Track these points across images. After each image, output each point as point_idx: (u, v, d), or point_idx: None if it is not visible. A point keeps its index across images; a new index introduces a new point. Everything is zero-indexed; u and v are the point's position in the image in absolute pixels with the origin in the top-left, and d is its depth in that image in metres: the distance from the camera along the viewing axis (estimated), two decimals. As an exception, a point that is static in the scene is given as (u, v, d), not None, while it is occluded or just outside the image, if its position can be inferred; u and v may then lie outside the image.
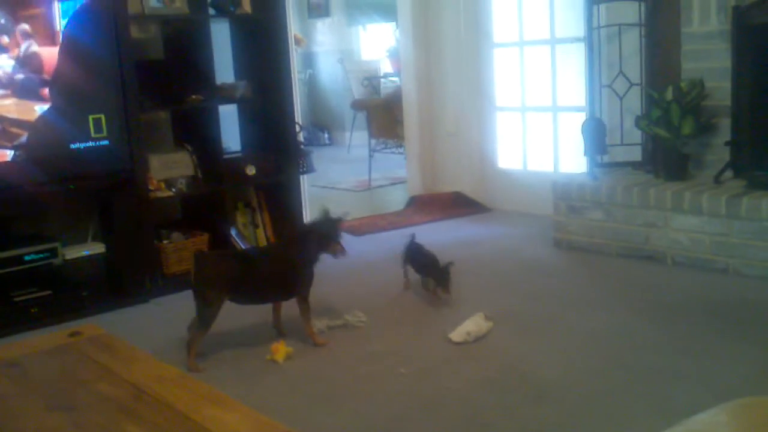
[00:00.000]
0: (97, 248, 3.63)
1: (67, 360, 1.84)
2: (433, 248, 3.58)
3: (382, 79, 8.63)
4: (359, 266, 4.08)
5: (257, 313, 3.48)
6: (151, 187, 3.76)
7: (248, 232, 4.27)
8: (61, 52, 3.39)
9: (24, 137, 3.35)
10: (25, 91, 3.35)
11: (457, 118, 5.45)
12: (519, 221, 4.89)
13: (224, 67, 4.23)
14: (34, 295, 3.43)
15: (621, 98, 4.23)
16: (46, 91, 3.39)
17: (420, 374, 2.68)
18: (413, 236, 3.68)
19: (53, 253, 3.45)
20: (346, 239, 4.74)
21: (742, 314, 3.09)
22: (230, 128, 4.34)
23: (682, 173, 3.92)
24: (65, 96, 3.44)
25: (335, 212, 3.12)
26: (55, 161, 3.40)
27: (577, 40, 4.52)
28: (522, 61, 5.12)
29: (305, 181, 4.70)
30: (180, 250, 3.90)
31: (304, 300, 2.99)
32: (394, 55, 8.42)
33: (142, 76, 3.66)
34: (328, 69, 9.54)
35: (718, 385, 2.44)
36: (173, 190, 3.87)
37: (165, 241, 3.89)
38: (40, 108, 3.39)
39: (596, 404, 2.39)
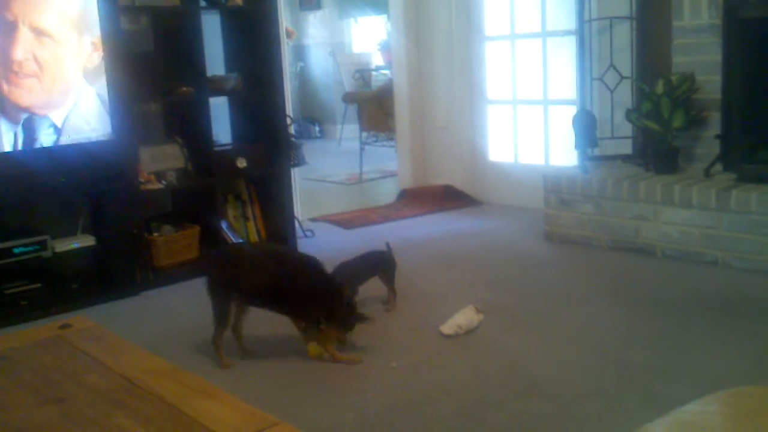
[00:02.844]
0: (87, 241, 3.61)
1: (58, 352, 1.84)
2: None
3: (374, 72, 8.62)
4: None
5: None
6: (141, 180, 3.75)
7: (239, 225, 4.26)
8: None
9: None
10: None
11: (449, 111, 5.44)
12: (510, 214, 4.89)
13: (215, 60, 4.22)
14: (23, 288, 3.42)
15: (612, 91, 4.24)
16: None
17: (411, 367, 2.68)
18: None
19: (43, 245, 3.43)
20: (337, 231, 4.75)
21: (731, 307, 3.11)
22: (221, 121, 4.33)
23: (672, 166, 3.93)
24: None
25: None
26: (45, 153, 3.39)
27: (568, 33, 4.52)
28: (513, 54, 5.11)
29: (296, 174, 4.69)
30: (170, 243, 3.89)
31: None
32: (386, 48, 8.41)
33: (133, 68, 3.64)
34: (319, 62, 9.52)
35: (709, 378, 2.45)
36: (164, 182, 3.85)
37: (155, 234, 3.87)
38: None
39: (587, 397, 2.39)
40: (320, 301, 2.71)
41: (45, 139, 3.41)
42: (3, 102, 3.30)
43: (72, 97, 3.48)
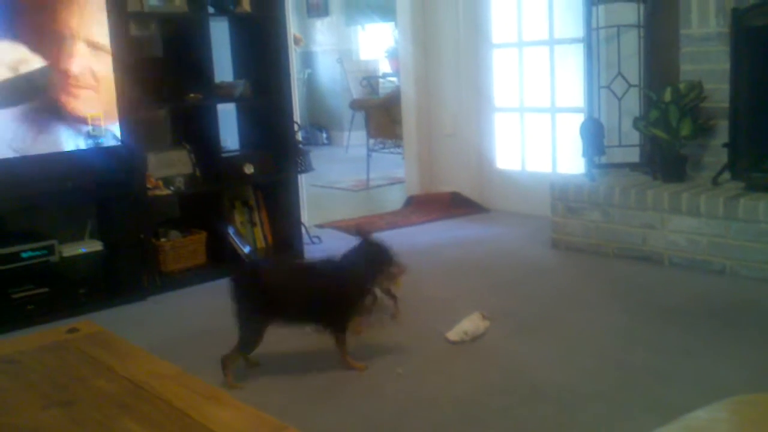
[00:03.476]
0: (95, 246, 3.63)
1: (65, 356, 1.84)
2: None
3: (381, 79, 8.63)
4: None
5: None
6: (149, 185, 3.76)
7: (246, 231, 4.27)
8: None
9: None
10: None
11: (456, 119, 5.45)
12: (517, 222, 4.89)
13: (223, 66, 4.24)
14: (30, 293, 3.43)
15: (619, 99, 4.24)
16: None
17: (416, 373, 2.68)
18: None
19: (50, 250, 3.44)
20: (344, 237, 4.75)
21: (738, 315, 3.10)
22: (229, 127, 4.34)
23: (679, 175, 3.93)
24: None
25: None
26: (53, 158, 3.40)
27: (576, 40, 4.53)
28: (521, 61, 5.12)
29: (303, 181, 4.70)
30: (178, 248, 3.90)
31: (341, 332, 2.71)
32: (393, 55, 8.43)
33: (141, 74, 3.66)
34: (326, 68, 9.54)
35: (715, 386, 2.44)
36: (171, 188, 3.87)
37: (163, 240, 3.88)
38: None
39: (593, 404, 2.39)
40: (351, 302, 2.70)
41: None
42: (64, 113, 3.40)
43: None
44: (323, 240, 4.63)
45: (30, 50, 3.28)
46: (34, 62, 3.30)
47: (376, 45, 9.44)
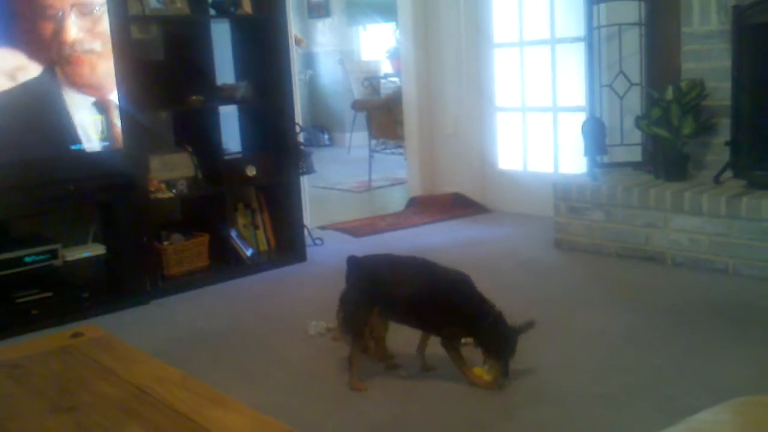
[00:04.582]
0: (98, 250, 3.63)
1: (69, 361, 1.84)
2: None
3: (382, 80, 8.63)
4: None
5: (257, 310, 3.49)
6: (151, 189, 3.77)
7: (248, 233, 4.27)
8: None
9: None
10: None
11: (457, 119, 5.45)
12: (519, 222, 4.89)
13: (225, 68, 4.24)
14: (34, 297, 3.43)
15: (621, 98, 4.23)
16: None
17: (419, 376, 2.67)
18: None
19: (54, 254, 3.44)
20: (346, 239, 4.75)
21: (742, 315, 3.09)
22: (231, 129, 4.34)
23: (682, 173, 3.92)
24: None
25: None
26: (55, 162, 3.41)
27: (577, 39, 4.53)
28: (522, 61, 5.12)
29: (305, 182, 4.70)
30: (180, 251, 3.90)
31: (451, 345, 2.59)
32: (395, 56, 8.43)
33: (143, 77, 3.67)
34: (328, 69, 9.55)
35: (719, 386, 2.44)
36: (174, 191, 3.87)
37: (165, 243, 3.89)
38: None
39: (596, 405, 2.39)
40: (467, 322, 2.55)
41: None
42: (65, 118, 3.40)
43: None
44: (325, 241, 4.63)
45: (28, 57, 3.28)
46: (32, 69, 3.30)
47: (377, 45, 9.44)
